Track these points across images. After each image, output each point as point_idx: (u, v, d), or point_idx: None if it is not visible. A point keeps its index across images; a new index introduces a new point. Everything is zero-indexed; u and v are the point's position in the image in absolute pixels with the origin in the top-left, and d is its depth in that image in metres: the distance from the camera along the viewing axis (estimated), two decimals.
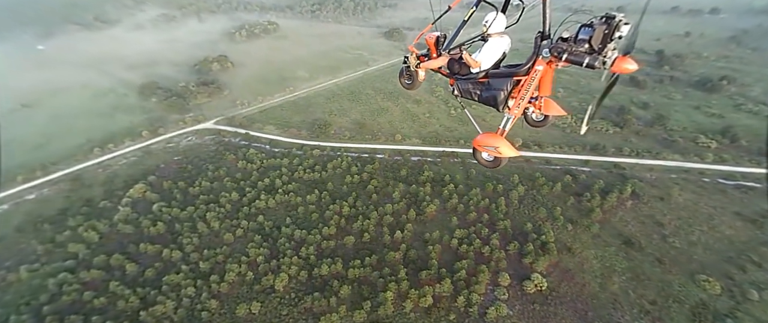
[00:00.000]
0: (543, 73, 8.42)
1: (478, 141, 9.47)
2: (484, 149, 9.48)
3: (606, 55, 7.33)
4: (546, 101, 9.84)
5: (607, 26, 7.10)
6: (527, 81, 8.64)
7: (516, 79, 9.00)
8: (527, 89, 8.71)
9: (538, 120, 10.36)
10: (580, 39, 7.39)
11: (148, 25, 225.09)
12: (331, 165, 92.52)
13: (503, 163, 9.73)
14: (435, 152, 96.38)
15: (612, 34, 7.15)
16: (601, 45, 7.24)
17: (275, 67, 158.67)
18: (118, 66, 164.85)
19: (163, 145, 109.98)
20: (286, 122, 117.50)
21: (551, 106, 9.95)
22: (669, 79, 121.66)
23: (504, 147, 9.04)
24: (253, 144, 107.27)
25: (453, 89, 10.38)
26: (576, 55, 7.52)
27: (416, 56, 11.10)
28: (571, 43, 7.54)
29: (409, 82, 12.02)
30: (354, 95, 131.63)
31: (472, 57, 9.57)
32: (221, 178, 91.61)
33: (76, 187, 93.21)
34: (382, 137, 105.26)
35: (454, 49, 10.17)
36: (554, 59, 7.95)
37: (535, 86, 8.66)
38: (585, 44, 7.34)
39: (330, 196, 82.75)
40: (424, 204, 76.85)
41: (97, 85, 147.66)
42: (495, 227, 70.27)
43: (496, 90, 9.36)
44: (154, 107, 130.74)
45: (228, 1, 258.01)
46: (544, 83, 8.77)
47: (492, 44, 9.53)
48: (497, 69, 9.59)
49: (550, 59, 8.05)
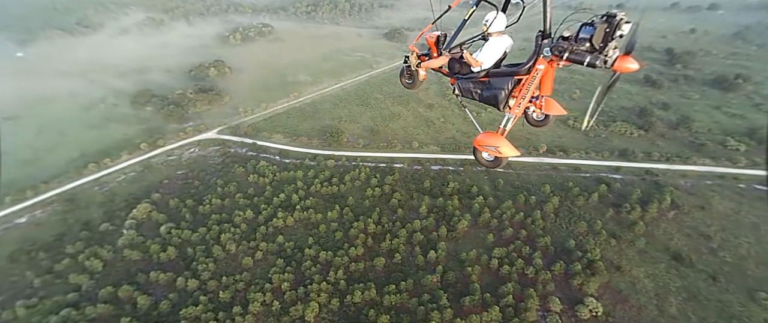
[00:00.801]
0: (544, 72, 8.33)
1: (478, 141, 9.35)
2: (484, 148, 9.33)
3: (607, 54, 7.24)
4: (547, 101, 9.77)
5: (608, 25, 7.02)
6: (528, 80, 8.57)
7: (517, 79, 8.92)
8: (528, 89, 8.64)
9: (539, 119, 10.22)
10: (581, 38, 7.31)
11: (134, 30, 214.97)
12: (348, 177, 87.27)
13: (503, 162, 9.62)
14: (456, 160, 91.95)
15: (613, 32, 7.06)
16: (602, 44, 7.17)
17: (275, 71, 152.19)
18: (107, 73, 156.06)
19: (163, 158, 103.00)
20: (294, 130, 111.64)
21: (552, 105, 9.86)
22: (683, 78, 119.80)
23: (504, 147, 8.94)
24: (262, 155, 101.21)
25: (454, 89, 10.33)
26: (577, 54, 7.41)
27: (417, 56, 11.03)
28: (572, 42, 7.44)
29: (409, 81, 11.93)
30: (362, 99, 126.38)
31: (472, 56, 9.52)
32: (232, 194, 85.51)
33: (72, 208, 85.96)
34: (399, 144, 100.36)
35: (455, 49, 10.13)
36: (555, 58, 7.84)
37: (536, 85, 8.59)
38: (586, 43, 7.25)
39: (352, 212, 77.54)
40: (454, 220, 72.29)
41: (85, 94, 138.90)
42: (535, 244, 66.04)
43: (496, 89, 9.27)
44: (150, 116, 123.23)
45: (217, 2, 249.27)
46: (545, 82, 8.69)
47: (492, 43, 9.45)
48: (498, 68, 9.50)
49: (551, 58, 7.95)
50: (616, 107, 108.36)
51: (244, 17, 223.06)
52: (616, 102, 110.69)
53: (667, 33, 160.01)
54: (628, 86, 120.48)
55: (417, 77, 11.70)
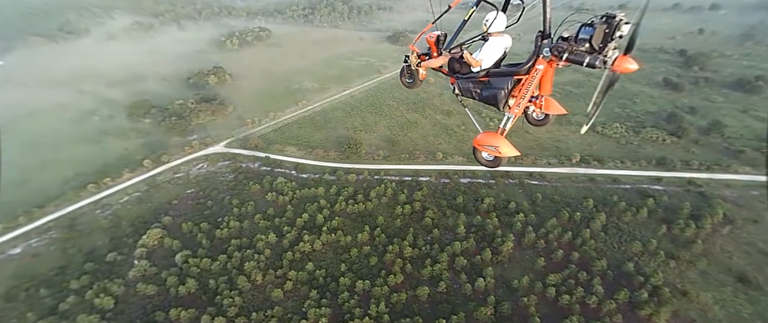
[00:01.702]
0: (543, 72, 8.32)
1: (478, 140, 9.31)
2: (484, 148, 9.31)
3: (606, 55, 7.21)
4: (546, 100, 9.76)
5: (608, 26, 7.01)
6: (528, 80, 8.55)
7: (516, 79, 8.91)
8: (528, 88, 8.61)
9: (539, 119, 10.25)
10: (580, 38, 7.30)
11: (121, 35, 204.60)
12: (374, 193, 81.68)
13: (503, 162, 9.52)
14: (485, 172, 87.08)
15: (612, 33, 7.03)
16: (601, 44, 7.15)
17: (279, 78, 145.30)
18: (98, 82, 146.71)
19: (169, 175, 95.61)
20: (308, 142, 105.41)
21: (552, 105, 9.89)
22: (704, 81, 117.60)
23: (504, 146, 8.94)
24: (277, 170, 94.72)
25: (454, 88, 10.26)
26: (576, 55, 7.42)
27: (417, 55, 11.07)
28: (571, 42, 7.45)
29: (410, 81, 11.90)
30: (375, 107, 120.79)
31: (472, 56, 9.53)
32: (250, 215, 79.08)
33: (73, 235, 78.27)
34: (421, 155, 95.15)
35: (455, 49, 10.13)
36: (555, 59, 7.82)
37: (535, 85, 8.56)
38: (585, 44, 7.25)
39: (384, 233, 72.05)
40: (497, 241, 67.34)
41: (75, 105, 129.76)
42: (591, 268, 61.45)
43: (496, 89, 9.24)
44: (149, 129, 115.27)
45: (208, 5, 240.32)
46: (545, 82, 8.70)
47: (492, 43, 9.43)
48: (498, 68, 9.48)
49: (550, 59, 7.93)
50: (641, 112, 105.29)
51: (239, 21, 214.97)
52: (641, 106, 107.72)
53: (675, 34, 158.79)
54: (649, 89, 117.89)
55: (417, 77, 11.67)
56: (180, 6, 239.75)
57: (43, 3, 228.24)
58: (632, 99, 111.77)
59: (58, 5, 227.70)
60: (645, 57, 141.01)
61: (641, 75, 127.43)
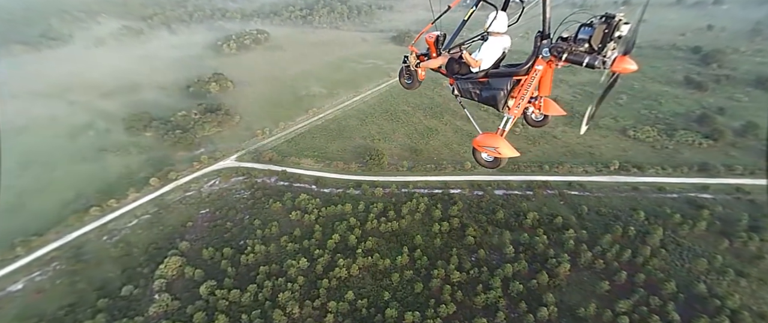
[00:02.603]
0: (543, 73, 8.23)
1: (477, 141, 9.07)
2: (483, 149, 9.10)
3: (606, 55, 7.11)
4: (545, 101, 9.77)
5: (607, 26, 6.95)
6: (527, 81, 8.45)
7: (516, 79, 8.81)
8: (527, 89, 8.51)
9: (538, 120, 10.22)
10: (579, 39, 7.23)
11: (110, 41, 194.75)
12: (405, 209, 76.52)
13: (503, 163, 9.38)
14: (520, 182, 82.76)
15: (612, 33, 6.98)
16: (600, 45, 7.06)
17: (284, 83, 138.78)
18: (89, 93, 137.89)
19: (179, 194, 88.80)
20: (324, 153, 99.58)
21: (551, 106, 9.88)
22: (725, 79, 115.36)
23: (503, 147, 8.71)
24: (295, 185, 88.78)
25: (453, 89, 10.14)
26: (576, 55, 7.32)
27: (416, 56, 11.03)
28: (570, 42, 7.36)
29: (409, 81, 11.83)
30: (390, 113, 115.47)
31: (472, 56, 9.42)
32: (276, 237, 73.21)
33: (80, 267, 71.32)
34: (448, 165, 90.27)
35: (454, 49, 10.12)
36: (554, 59, 7.70)
37: (535, 85, 8.47)
38: (585, 44, 7.18)
39: (425, 255, 66.93)
40: (551, 262, 62.58)
41: (68, 119, 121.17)
42: (660, 291, 57.08)
43: (495, 90, 9.12)
44: (151, 143, 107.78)
45: (200, 8, 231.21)
46: (544, 82, 8.63)
47: (492, 43, 9.29)
48: (497, 69, 9.34)
49: (549, 59, 7.83)
50: (668, 113, 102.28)
51: (234, 23, 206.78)
52: (667, 107, 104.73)
53: (684, 30, 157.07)
54: (671, 88, 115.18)
55: (416, 77, 11.57)
56: (170, 9, 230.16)
57: (22, 8, 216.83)
58: (657, 99, 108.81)
59: (37, 10, 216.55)
60: (659, 54, 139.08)
61: (660, 74, 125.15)
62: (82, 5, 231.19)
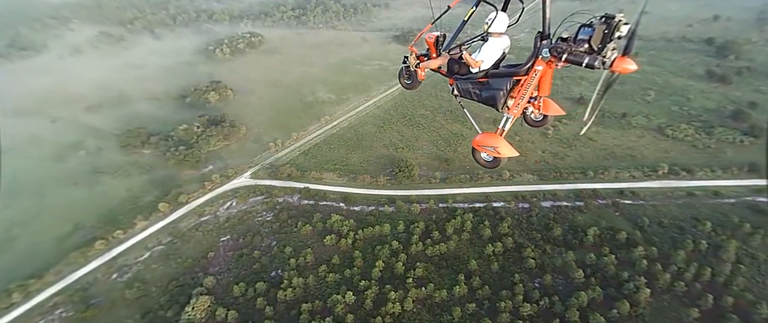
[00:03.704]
0: (542, 73, 8.28)
1: (477, 141, 9.27)
2: (483, 149, 9.29)
3: (606, 55, 7.14)
4: (545, 101, 9.79)
5: (607, 26, 6.98)
6: (527, 81, 8.52)
7: (516, 79, 8.85)
8: (527, 89, 8.60)
9: (537, 120, 10.25)
10: (579, 39, 7.27)
11: (87, 49, 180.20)
12: (450, 228, 70.31)
13: (502, 163, 9.52)
14: (567, 191, 77.68)
15: (611, 34, 7.00)
16: (600, 45, 7.09)
17: (288, 89, 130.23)
18: (73, 107, 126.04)
19: (193, 219, 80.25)
20: (347, 166, 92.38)
21: (550, 106, 9.90)
22: (747, 71, 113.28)
23: (503, 147, 8.90)
24: (321, 204, 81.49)
25: (452, 89, 10.17)
26: (576, 55, 7.35)
27: (416, 56, 10.98)
28: (570, 43, 7.40)
29: (409, 81, 11.88)
30: (408, 118, 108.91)
31: (471, 57, 9.43)
32: (312, 267, 66.03)
33: (91, 314, 62.59)
34: (484, 175, 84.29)
35: (454, 49, 10.00)
36: (554, 59, 7.75)
37: (534, 85, 8.55)
38: (585, 44, 7.20)
39: (485, 284, 60.66)
40: (627, 286, 56.96)
41: (53, 137, 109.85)
42: (751, 317, 52.26)
43: (495, 90, 9.15)
44: (152, 162, 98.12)
45: (183, 10, 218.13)
46: (544, 83, 8.69)
47: (491, 44, 9.37)
48: (497, 69, 9.38)
49: (549, 59, 7.87)
50: (700, 109, 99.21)
51: (222, 26, 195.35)
52: (697, 103, 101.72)
53: (691, 21, 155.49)
54: (694, 82, 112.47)
55: (416, 78, 11.58)
56: (150, 12, 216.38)
57: None
58: (684, 95, 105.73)
59: (2, 18, 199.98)
60: (672, 47, 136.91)
61: (680, 67, 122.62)
62: (51, 11, 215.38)
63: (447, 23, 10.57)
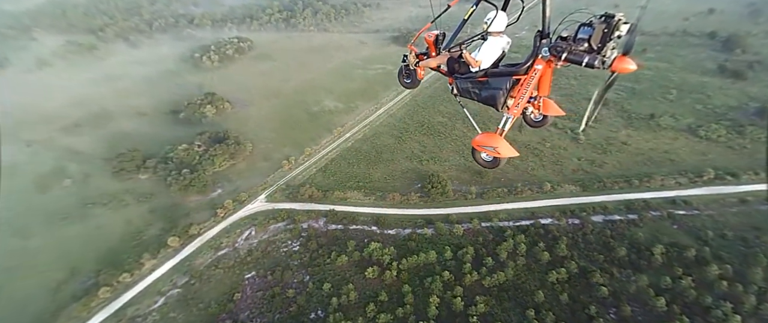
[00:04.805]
0: (542, 72, 8.25)
1: (477, 141, 9.16)
2: (483, 149, 9.19)
3: (605, 55, 7.11)
4: (545, 101, 9.75)
5: (607, 25, 6.97)
6: (526, 80, 8.47)
7: (515, 79, 8.77)
8: (526, 89, 8.54)
9: (537, 120, 10.18)
10: (579, 38, 7.24)
11: (56, 61, 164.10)
12: (502, 252, 64.56)
13: (502, 163, 9.50)
14: (615, 203, 73.26)
15: (611, 33, 6.98)
16: (600, 44, 7.06)
17: (289, 99, 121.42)
18: (48, 128, 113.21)
19: (210, 254, 71.48)
20: (371, 183, 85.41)
21: (550, 106, 9.86)
22: (758, 65, 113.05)
23: (503, 147, 8.81)
24: (351, 228, 74.34)
25: (452, 88, 10.11)
26: (575, 55, 7.31)
27: (415, 55, 11.06)
28: (570, 42, 7.37)
29: (408, 80, 11.86)
30: (426, 127, 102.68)
31: (471, 56, 9.37)
32: (358, 306, 59.16)
33: None
34: (523, 188, 79.10)
35: (454, 48, 10.14)
36: (553, 58, 7.73)
37: (534, 85, 8.50)
38: (584, 43, 7.18)
39: (560, 320, 55.10)
40: (715, 314, 52.28)
41: (30, 164, 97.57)
42: None
43: (495, 89, 9.06)
44: (151, 189, 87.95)
45: (159, 15, 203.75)
46: (544, 82, 8.63)
47: (491, 43, 9.31)
48: (496, 68, 9.33)
49: (549, 59, 7.85)
50: (723, 107, 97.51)
51: (205, 31, 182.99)
52: (719, 101, 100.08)
53: (686, 15, 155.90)
54: (709, 78, 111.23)
55: (415, 76, 11.60)
56: (122, 18, 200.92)
57: None
58: (703, 93, 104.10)
59: None
60: (676, 42, 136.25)
61: (689, 63, 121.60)
62: (8, 20, 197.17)
63: (447, 23, 10.34)
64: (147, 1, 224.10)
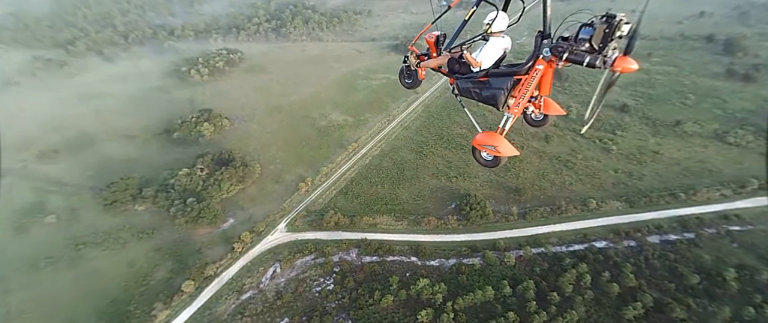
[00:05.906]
0: (543, 72, 8.11)
1: (477, 140, 8.98)
2: (483, 148, 9.00)
3: (606, 55, 7.02)
4: (545, 101, 9.62)
5: (608, 25, 6.87)
6: (527, 80, 8.34)
7: (516, 79, 8.66)
8: (527, 89, 8.38)
9: (538, 120, 10.06)
10: (580, 38, 7.19)
11: (23, 79, 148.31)
12: (566, 283, 58.89)
13: (502, 162, 9.21)
14: (667, 220, 69.27)
15: (612, 33, 6.88)
16: (601, 44, 6.99)
17: (294, 114, 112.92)
18: (21, 155, 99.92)
19: (233, 299, 62.71)
20: (399, 204, 78.82)
21: (551, 106, 9.72)
22: (764, 67, 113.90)
23: (503, 146, 8.64)
24: (389, 260, 67.30)
25: (453, 88, 10.06)
26: (576, 55, 7.23)
27: (416, 56, 10.99)
28: (571, 42, 7.31)
29: (409, 81, 11.76)
30: (445, 139, 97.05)
31: (472, 56, 9.28)
32: None
33: None
34: (567, 207, 74.14)
35: (455, 49, 10.04)
36: (555, 59, 7.64)
37: (535, 85, 8.35)
38: (585, 44, 7.12)
39: None
40: None
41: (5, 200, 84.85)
42: None
43: (496, 89, 8.98)
44: (151, 223, 77.82)
45: (134, 26, 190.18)
46: (544, 82, 8.53)
47: (492, 43, 9.18)
48: (497, 68, 9.21)
49: (550, 59, 7.75)
50: (742, 111, 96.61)
51: (188, 43, 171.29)
52: (736, 105, 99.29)
53: (678, 18, 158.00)
54: (719, 82, 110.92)
55: (416, 77, 11.51)
56: (93, 30, 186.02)
57: None
58: (718, 97, 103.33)
59: None
60: (675, 46, 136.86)
61: (696, 66, 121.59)
62: None
63: (446, 22, 10.22)
64: (119, 12, 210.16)
